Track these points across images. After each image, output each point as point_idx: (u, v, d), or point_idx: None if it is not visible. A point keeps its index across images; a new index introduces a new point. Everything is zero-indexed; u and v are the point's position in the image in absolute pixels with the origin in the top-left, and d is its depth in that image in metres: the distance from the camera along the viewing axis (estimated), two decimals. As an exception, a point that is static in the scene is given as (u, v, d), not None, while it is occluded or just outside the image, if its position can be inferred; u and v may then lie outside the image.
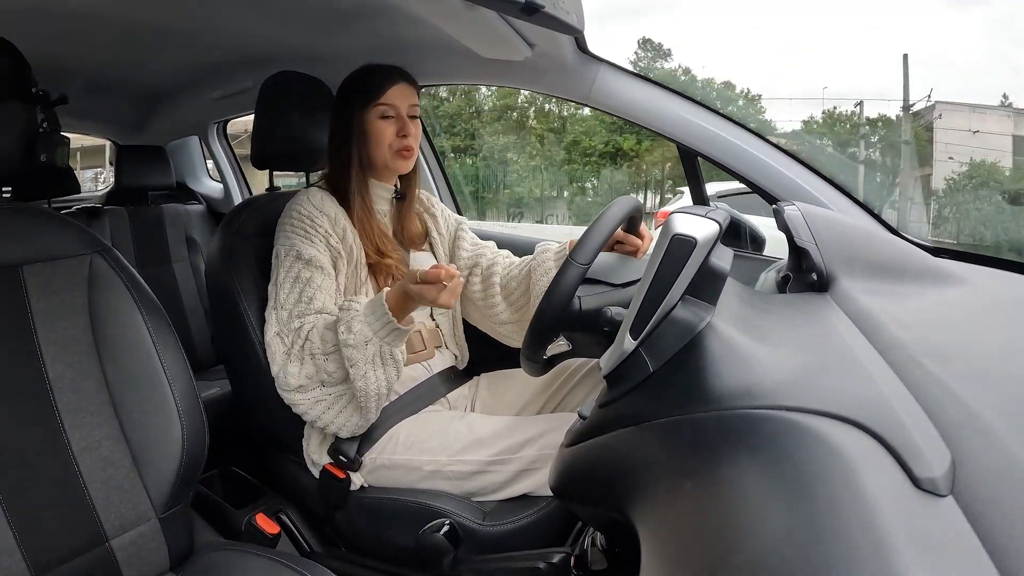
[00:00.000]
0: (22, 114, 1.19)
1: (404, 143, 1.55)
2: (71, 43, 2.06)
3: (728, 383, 0.67)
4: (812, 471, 0.53)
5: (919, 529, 0.47)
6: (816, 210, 1.20)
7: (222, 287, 1.59)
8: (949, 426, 0.57)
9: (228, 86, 2.60)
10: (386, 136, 1.54)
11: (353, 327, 1.35)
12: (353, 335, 1.34)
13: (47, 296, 1.16)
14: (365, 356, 1.35)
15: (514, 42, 1.55)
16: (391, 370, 1.38)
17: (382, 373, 1.37)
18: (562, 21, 1.14)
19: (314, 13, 1.80)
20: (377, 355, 1.36)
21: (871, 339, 0.76)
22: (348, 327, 1.35)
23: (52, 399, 1.12)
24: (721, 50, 35.59)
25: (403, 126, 1.55)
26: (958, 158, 16.27)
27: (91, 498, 1.12)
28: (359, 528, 1.50)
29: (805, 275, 1.05)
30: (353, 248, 1.52)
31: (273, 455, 1.67)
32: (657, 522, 0.63)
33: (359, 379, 1.36)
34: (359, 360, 1.35)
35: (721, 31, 37.38)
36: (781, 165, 1.57)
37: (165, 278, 2.83)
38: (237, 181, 3.30)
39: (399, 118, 1.56)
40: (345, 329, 1.35)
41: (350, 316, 1.36)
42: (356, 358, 1.35)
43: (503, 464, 1.40)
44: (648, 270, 0.74)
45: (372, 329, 1.34)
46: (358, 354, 1.35)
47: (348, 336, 1.34)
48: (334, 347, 1.38)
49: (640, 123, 1.69)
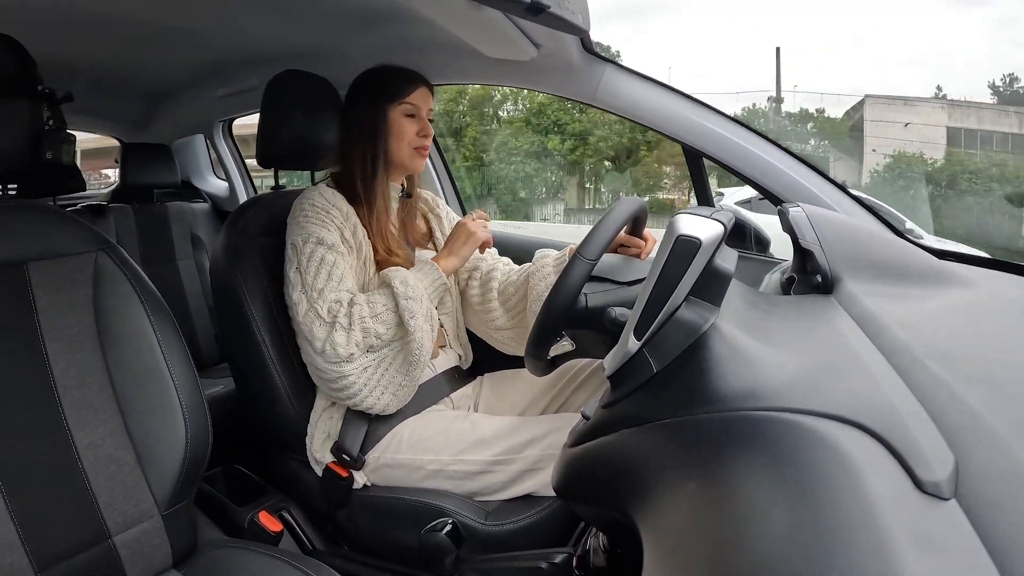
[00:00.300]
0: (28, 112, 1.19)
1: (423, 142, 1.59)
2: (77, 41, 2.06)
3: (732, 384, 0.67)
4: (815, 473, 0.53)
5: (922, 532, 0.47)
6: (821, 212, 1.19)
7: (226, 285, 1.59)
8: (953, 429, 0.57)
9: (233, 84, 2.60)
10: (408, 133, 1.57)
11: (408, 281, 1.43)
12: (410, 287, 1.42)
13: (52, 293, 1.17)
14: (422, 308, 1.43)
15: (520, 42, 1.55)
16: (430, 325, 1.47)
17: (428, 328, 1.45)
18: (568, 21, 1.13)
19: (321, 13, 1.81)
20: (430, 312, 1.47)
21: (875, 341, 0.76)
22: (404, 281, 1.43)
23: (56, 395, 1.13)
24: (719, 50, 35.74)
25: (424, 126, 1.59)
26: (883, 150, 16.83)
27: (94, 495, 1.12)
28: (362, 527, 1.50)
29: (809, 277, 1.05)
30: (363, 244, 1.52)
31: (276, 453, 1.67)
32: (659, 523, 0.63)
33: (417, 330, 1.41)
34: (418, 312, 1.42)
35: (721, 31, 37.56)
36: (786, 167, 1.57)
37: (170, 276, 2.84)
38: (242, 179, 3.31)
39: (420, 118, 1.59)
40: (401, 283, 1.43)
41: (402, 273, 1.45)
42: (415, 310, 1.41)
43: (506, 464, 1.40)
44: (652, 271, 0.74)
45: (423, 284, 1.46)
46: (417, 306, 1.42)
47: (405, 289, 1.42)
48: (384, 308, 1.41)
49: (646, 124, 1.68)
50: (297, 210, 1.51)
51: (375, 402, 1.44)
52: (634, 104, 1.67)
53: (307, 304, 1.41)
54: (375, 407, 1.44)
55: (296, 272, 1.44)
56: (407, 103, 1.56)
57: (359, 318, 1.39)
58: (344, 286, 1.43)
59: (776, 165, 1.57)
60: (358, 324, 1.39)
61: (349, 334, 1.38)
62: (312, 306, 1.40)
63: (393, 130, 1.57)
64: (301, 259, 1.44)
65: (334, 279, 1.42)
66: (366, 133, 1.57)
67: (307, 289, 1.42)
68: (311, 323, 1.40)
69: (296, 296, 1.43)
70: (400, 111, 1.56)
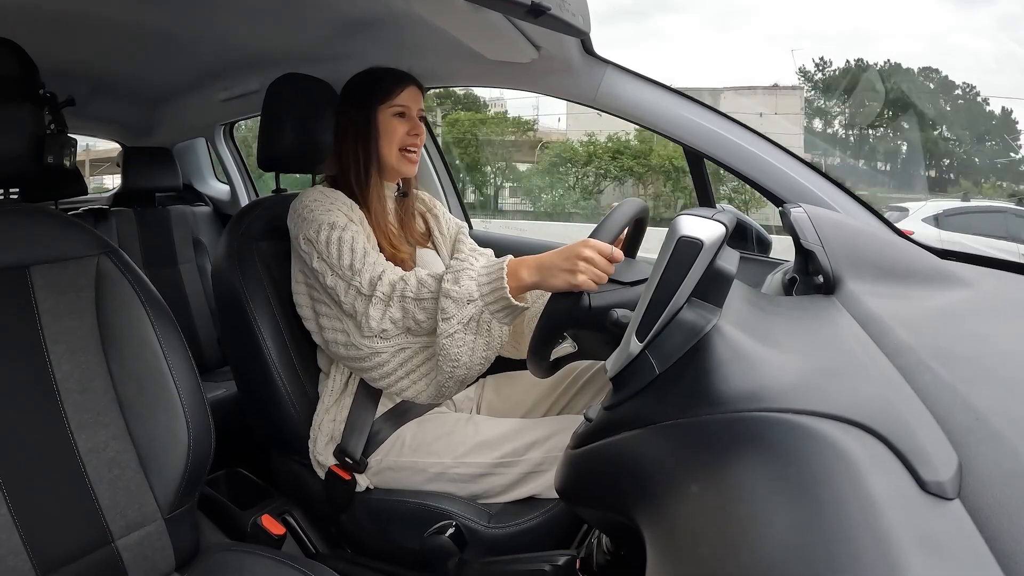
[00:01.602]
0: (30, 116, 1.19)
1: (414, 141, 1.58)
2: (78, 46, 2.07)
3: (734, 386, 0.66)
4: (819, 474, 0.53)
5: (925, 532, 0.47)
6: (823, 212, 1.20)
7: (229, 288, 1.59)
8: (956, 429, 0.57)
9: (234, 88, 2.60)
10: (397, 134, 1.57)
11: (461, 279, 1.30)
12: (458, 287, 1.29)
13: (54, 296, 1.17)
14: (462, 314, 1.29)
15: (520, 44, 1.56)
16: (481, 340, 1.31)
17: (471, 340, 1.31)
18: (568, 23, 1.13)
19: (321, 16, 1.81)
20: (474, 319, 1.30)
21: (878, 342, 0.76)
22: (456, 278, 1.30)
23: (59, 399, 1.13)
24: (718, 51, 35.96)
25: (414, 125, 1.59)
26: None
27: (97, 498, 1.13)
28: (365, 530, 1.50)
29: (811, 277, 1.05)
30: (370, 236, 1.51)
31: (279, 456, 1.67)
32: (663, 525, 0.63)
33: (445, 336, 1.30)
34: (454, 315, 1.29)
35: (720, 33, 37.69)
36: (787, 167, 1.57)
37: (172, 279, 2.85)
38: (244, 183, 3.31)
39: (411, 118, 1.58)
40: (452, 279, 1.31)
41: (462, 267, 1.32)
42: (451, 312, 1.29)
43: (509, 466, 1.40)
44: (654, 272, 0.74)
45: (480, 291, 1.30)
46: (455, 308, 1.29)
47: (452, 287, 1.29)
48: (430, 294, 1.33)
49: (646, 125, 1.69)
50: (299, 207, 1.49)
51: (408, 386, 1.42)
52: (635, 105, 1.67)
53: (345, 284, 1.39)
54: (406, 392, 1.43)
55: (321, 261, 1.42)
56: (396, 104, 1.56)
57: (400, 295, 1.35)
58: (371, 258, 1.41)
59: (777, 166, 1.57)
60: (397, 302, 1.36)
61: (386, 309, 1.36)
62: (351, 284, 1.38)
63: (383, 131, 1.56)
64: (320, 248, 1.42)
65: (358, 252, 1.40)
66: (358, 136, 1.57)
67: (338, 271, 1.40)
68: (353, 299, 1.38)
69: (331, 281, 1.41)
70: (389, 112, 1.56)
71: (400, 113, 1.57)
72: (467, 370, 1.34)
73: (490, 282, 1.29)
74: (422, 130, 1.61)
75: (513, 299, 1.28)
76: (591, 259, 1.20)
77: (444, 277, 1.32)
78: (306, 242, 1.45)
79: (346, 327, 1.41)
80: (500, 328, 1.32)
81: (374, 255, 1.42)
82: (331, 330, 1.46)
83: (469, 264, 1.33)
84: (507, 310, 1.30)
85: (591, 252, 1.20)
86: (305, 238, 1.45)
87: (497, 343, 1.34)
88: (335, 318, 1.44)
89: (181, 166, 3.17)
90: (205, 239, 3.03)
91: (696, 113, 1.63)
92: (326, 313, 1.47)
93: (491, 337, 1.32)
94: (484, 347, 1.32)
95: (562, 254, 1.23)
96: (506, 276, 1.28)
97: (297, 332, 1.59)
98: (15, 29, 1.27)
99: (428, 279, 1.35)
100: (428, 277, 1.36)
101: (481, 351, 1.32)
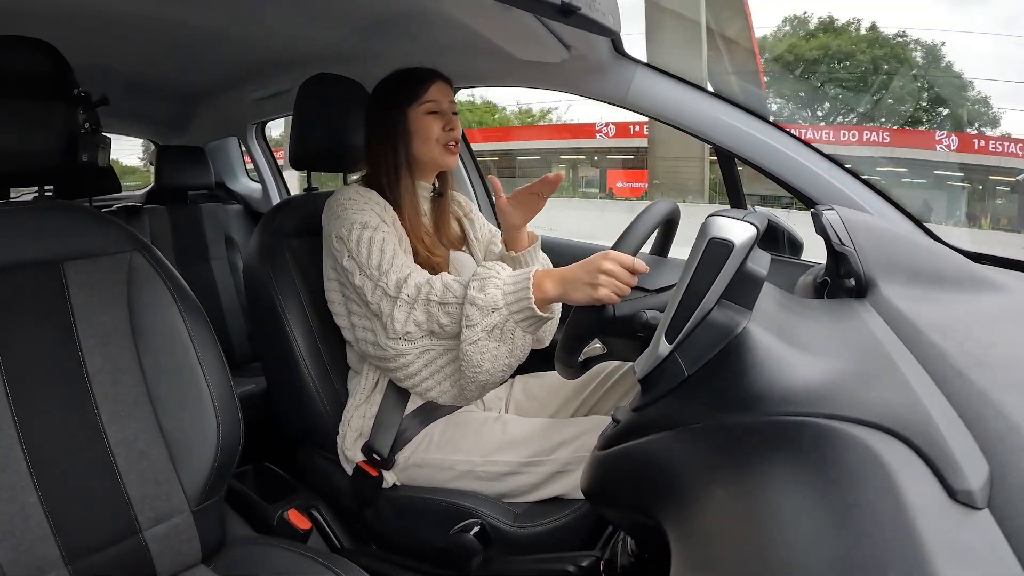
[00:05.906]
0: (64, 115, 1.21)
1: (451, 136, 1.58)
2: (112, 45, 2.10)
3: (764, 389, 0.66)
4: (847, 479, 0.53)
5: (953, 541, 0.46)
6: (855, 214, 1.18)
7: (260, 285, 1.61)
8: (989, 438, 0.56)
9: (266, 87, 2.63)
10: (434, 131, 1.57)
11: (487, 288, 1.30)
12: (483, 295, 1.29)
13: (87, 291, 1.19)
14: (486, 322, 1.29)
15: (550, 44, 1.55)
16: (505, 348, 1.31)
17: (495, 347, 1.31)
18: (598, 23, 1.13)
19: (352, 16, 1.82)
20: (498, 327, 1.30)
21: (910, 347, 0.74)
22: (481, 286, 1.30)
23: (91, 391, 1.15)
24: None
25: (449, 120, 1.58)
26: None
27: (126, 489, 1.14)
28: (390, 526, 1.51)
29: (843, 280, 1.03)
30: (403, 238, 1.51)
31: (307, 451, 1.69)
32: (688, 527, 0.63)
33: (469, 342, 1.30)
34: (478, 323, 1.29)
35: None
36: (820, 168, 1.55)
37: (204, 276, 2.89)
38: (275, 181, 3.35)
39: (443, 113, 1.58)
40: (478, 287, 1.30)
41: (489, 275, 1.32)
42: (476, 319, 1.29)
43: (536, 466, 1.40)
44: (684, 274, 0.73)
45: (505, 299, 1.29)
46: (480, 316, 1.29)
47: (478, 295, 1.29)
48: (455, 299, 1.33)
49: (677, 125, 1.68)
50: (334, 205, 1.50)
51: (432, 387, 1.43)
52: (665, 105, 1.66)
53: (372, 284, 1.39)
54: (430, 392, 1.44)
55: (351, 260, 1.43)
56: (426, 102, 1.56)
57: (425, 299, 1.35)
58: (399, 261, 1.41)
59: (809, 167, 1.55)
60: (422, 305, 1.36)
61: (411, 312, 1.36)
62: (377, 284, 1.39)
63: (418, 131, 1.57)
64: (351, 247, 1.43)
65: (387, 253, 1.40)
66: (387, 138, 1.57)
67: (367, 270, 1.40)
68: (379, 300, 1.39)
69: (359, 280, 1.41)
70: (421, 111, 1.56)
71: (432, 111, 1.57)
72: (489, 376, 1.34)
73: (516, 291, 1.29)
74: (457, 124, 1.60)
75: (538, 310, 1.28)
76: (612, 272, 1.20)
77: (470, 284, 1.31)
78: (338, 240, 1.45)
79: (374, 327, 1.42)
80: (524, 337, 1.32)
81: (403, 257, 1.43)
82: (362, 328, 1.46)
83: (496, 272, 1.33)
84: (531, 320, 1.30)
85: (612, 265, 1.20)
86: (337, 236, 1.46)
87: (520, 351, 1.34)
88: (365, 317, 1.45)
89: (213, 164, 3.22)
90: (237, 236, 3.06)
91: (727, 113, 1.62)
92: (357, 312, 1.47)
93: (514, 345, 1.32)
94: (507, 355, 1.32)
95: (584, 267, 1.23)
96: (532, 287, 1.28)
97: (327, 329, 1.60)
98: (51, 29, 1.29)
99: (454, 284, 1.35)
100: (454, 282, 1.35)
101: (504, 359, 1.33)
